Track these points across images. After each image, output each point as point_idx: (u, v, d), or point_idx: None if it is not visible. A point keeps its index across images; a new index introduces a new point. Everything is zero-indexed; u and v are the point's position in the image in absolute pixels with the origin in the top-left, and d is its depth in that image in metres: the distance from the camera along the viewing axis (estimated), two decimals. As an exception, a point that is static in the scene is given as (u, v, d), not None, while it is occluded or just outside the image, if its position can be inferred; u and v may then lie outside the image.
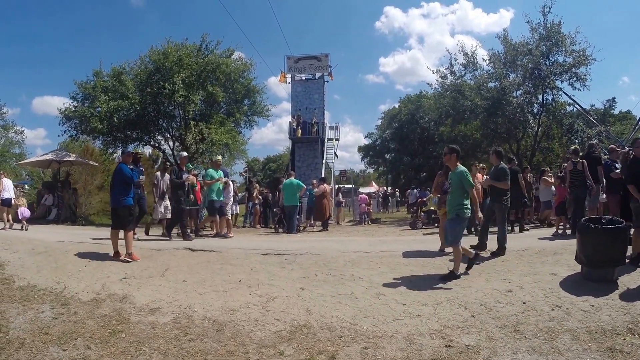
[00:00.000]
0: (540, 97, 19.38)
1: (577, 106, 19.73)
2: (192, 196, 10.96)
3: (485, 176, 10.15)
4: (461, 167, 6.14)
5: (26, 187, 29.12)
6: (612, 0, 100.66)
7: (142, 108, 17.45)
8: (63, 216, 15.74)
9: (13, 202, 12.19)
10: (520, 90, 19.04)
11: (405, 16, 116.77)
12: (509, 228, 9.95)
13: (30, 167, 24.43)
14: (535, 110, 19.78)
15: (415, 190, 23.93)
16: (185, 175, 10.14)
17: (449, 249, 7.39)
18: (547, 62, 18.48)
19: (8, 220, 11.50)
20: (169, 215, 10.57)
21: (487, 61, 19.72)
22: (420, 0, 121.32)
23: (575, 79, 18.11)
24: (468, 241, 7.32)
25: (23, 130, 28.59)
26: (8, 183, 12.15)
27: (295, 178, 13.91)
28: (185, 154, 10.92)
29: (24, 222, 11.43)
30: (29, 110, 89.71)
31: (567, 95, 19.13)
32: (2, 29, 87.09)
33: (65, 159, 17.42)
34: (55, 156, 17.32)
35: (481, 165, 11.82)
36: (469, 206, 6.03)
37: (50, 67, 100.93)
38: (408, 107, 38.74)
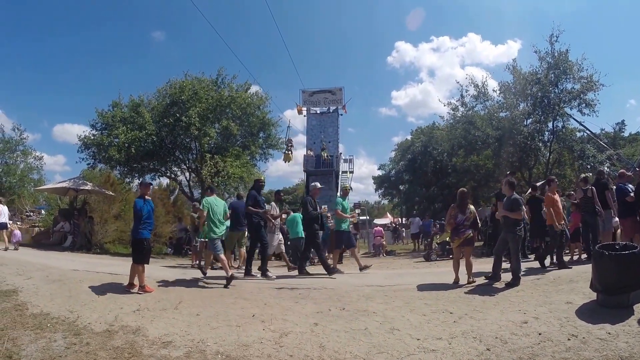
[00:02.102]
0: (550, 124, 19.53)
1: (587, 131, 19.76)
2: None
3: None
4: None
5: (42, 212, 29.60)
6: (615, 25, 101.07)
7: (159, 139, 17.79)
8: (78, 244, 15.87)
9: (9, 226, 13.84)
10: (531, 119, 19.17)
11: (416, 50, 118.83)
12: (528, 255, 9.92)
13: (48, 193, 24.75)
14: (546, 138, 19.87)
15: (417, 218, 22.75)
16: (323, 206, 10.15)
17: (463, 281, 7.34)
18: (556, 90, 18.66)
19: (5, 242, 12.98)
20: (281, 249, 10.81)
21: (498, 92, 19.95)
22: (429, 35, 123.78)
23: (584, 105, 18.30)
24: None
25: (42, 156, 29.14)
26: (4, 209, 13.83)
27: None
28: (318, 185, 10.39)
29: (16, 244, 13.33)
30: (49, 137, 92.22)
31: (576, 121, 19.24)
32: (27, 57, 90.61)
33: (82, 188, 17.67)
34: (72, 184, 17.61)
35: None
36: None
37: (71, 95, 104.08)
38: (420, 139, 38.79)
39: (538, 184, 12.23)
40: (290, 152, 23.84)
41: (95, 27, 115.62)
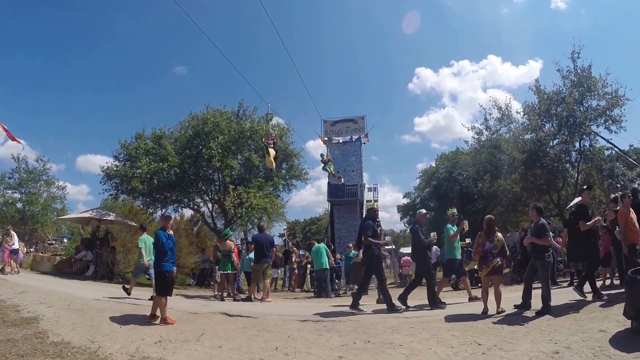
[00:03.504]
0: (577, 144, 19.05)
1: (615, 149, 19.26)
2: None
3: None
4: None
5: (65, 240, 30.10)
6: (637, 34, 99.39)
7: (181, 171, 18.05)
8: (100, 273, 16.00)
9: (21, 253, 14.96)
10: (557, 140, 18.79)
11: (437, 76, 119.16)
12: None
13: (71, 222, 25.12)
14: (573, 158, 19.42)
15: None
16: (432, 233, 9.95)
17: (492, 311, 7.12)
18: (581, 108, 18.29)
19: (14, 267, 13.83)
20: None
21: (522, 113, 19.69)
22: (449, 60, 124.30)
23: (610, 121, 17.83)
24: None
25: (65, 186, 29.59)
26: (16, 236, 14.93)
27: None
28: (424, 211, 9.94)
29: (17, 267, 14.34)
30: (73, 167, 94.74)
31: (604, 139, 18.75)
32: (51, 90, 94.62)
33: (105, 218, 17.89)
34: (96, 214, 17.83)
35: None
36: None
37: (95, 128, 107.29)
38: (445, 165, 38.47)
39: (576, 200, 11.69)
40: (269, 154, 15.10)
41: (120, 62, 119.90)
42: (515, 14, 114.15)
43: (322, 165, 21.04)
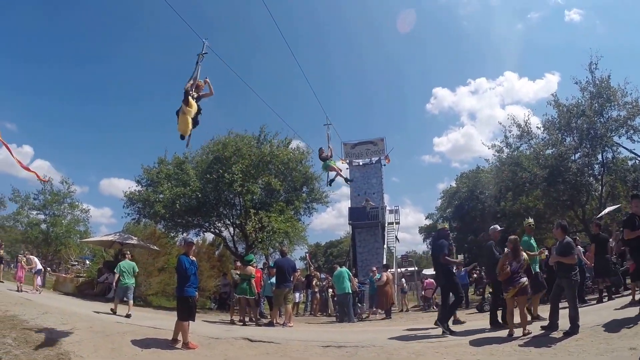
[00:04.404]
0: (599, 156, 18.74)
1: (639, 159, 18.84)
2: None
3: None
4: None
5: (87, 262, 30.38)
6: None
7: (203, 195, 18.24)
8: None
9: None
10: (579, 153, 18.51)
11: (454, 95, 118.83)
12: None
13: (93, 245, 25.41)
14: (596, 171, 19.10)
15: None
16: (460, 256, 9.74)
17: (518, 333, 6.94)
18: (602, 120, 18.02)
19: (35, 287, 14.46)
20: None
21: (542, 128, 19.46)
22: (466, 78, 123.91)
23: (632, 131, 17.47)
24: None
25: (89, 209, 30.01)
26: (36, 259, 15.65)
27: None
28: (498, 227, 9.51)
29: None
30: (96, 190, 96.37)
31: (627, 149, 18.41)
32: (75, 115, 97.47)
33: (127, 242, 18.07)
34: (118, 237, 18.09)
35: None
36: None
37: (118, 151, 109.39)
38: (466, 184, 38.03)
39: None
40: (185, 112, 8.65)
41: (139, 85, 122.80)
42: (530, 29, 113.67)
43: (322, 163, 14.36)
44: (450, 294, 8.71)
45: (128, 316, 10.39)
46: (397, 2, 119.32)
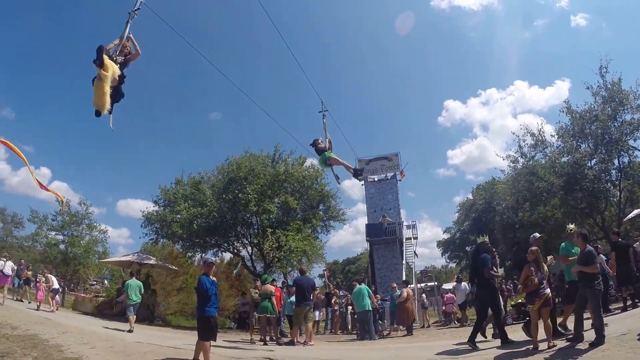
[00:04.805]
0: (616, 161, 18.42)
1: None
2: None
3: None
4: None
5: (105, 282, 30.56)
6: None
7: (220, 215, 18.43)
8: (141, 315, 15.99)
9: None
10: (595, 159, 18.27)
11: (465, 107, 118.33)
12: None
13: (112, 265, 25.71)
14: (613, 177, 18.80)
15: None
16: (549, 257, 9.63)
17: (542, 346, 6.83)
18: (616, 124, 17.77)
19: (52, 305, 14.56)
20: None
21: (555, 136, 19.29)
22: (476, 89, 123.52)
23: (647, 133, 17.21)
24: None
25: (107, 230, 30.17)
26: (54, 278, 15.72)
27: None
28: (537, 235, 9.28)
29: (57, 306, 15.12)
30: (113, 211, 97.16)
31: None
32: (91, 138, 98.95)
33: (145, 262, 18.27)
34: (137, 258, 18.30)
35: None
36: None
37: (136, 172, 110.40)
38: (483, 196, 37.76)
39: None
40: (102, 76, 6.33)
41: (156, 108, 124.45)
42: (537, 37, 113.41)
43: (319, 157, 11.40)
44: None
45: (130, 331, 10.82)
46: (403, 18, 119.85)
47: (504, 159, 21.60)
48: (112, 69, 6.07)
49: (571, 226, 9.04)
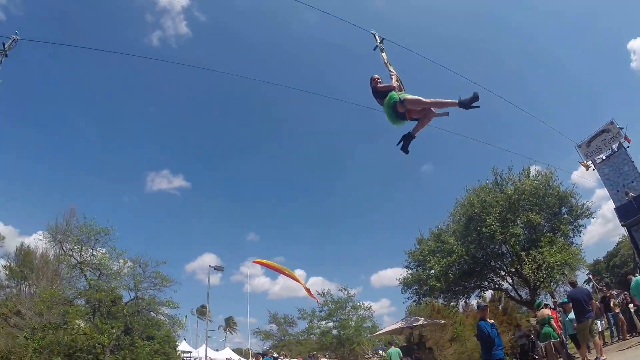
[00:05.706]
0: None
1: None
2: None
3: None
4: None
5: (380, 352, 32.47)
6: None
7: (470, 257, 18.65)
8: None
9: None
10: None
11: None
12: None
13: (383, 335, 26.92)
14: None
15: None
16: None
17: None
18: None
19: None
20: None
21: None
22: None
23: None
24: None
25: (370, 306, 33.67)
26: None
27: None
28: None
29: None
30: (368, 287, 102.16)
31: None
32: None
33: (415, 324, 19.36)
34: (405, 323, 19.56)
35: None
36: None
37: (385, 247, 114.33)
38: None
39: None
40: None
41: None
42: None
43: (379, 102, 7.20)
44: None
45: None
46: None
47: None
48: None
49: None
